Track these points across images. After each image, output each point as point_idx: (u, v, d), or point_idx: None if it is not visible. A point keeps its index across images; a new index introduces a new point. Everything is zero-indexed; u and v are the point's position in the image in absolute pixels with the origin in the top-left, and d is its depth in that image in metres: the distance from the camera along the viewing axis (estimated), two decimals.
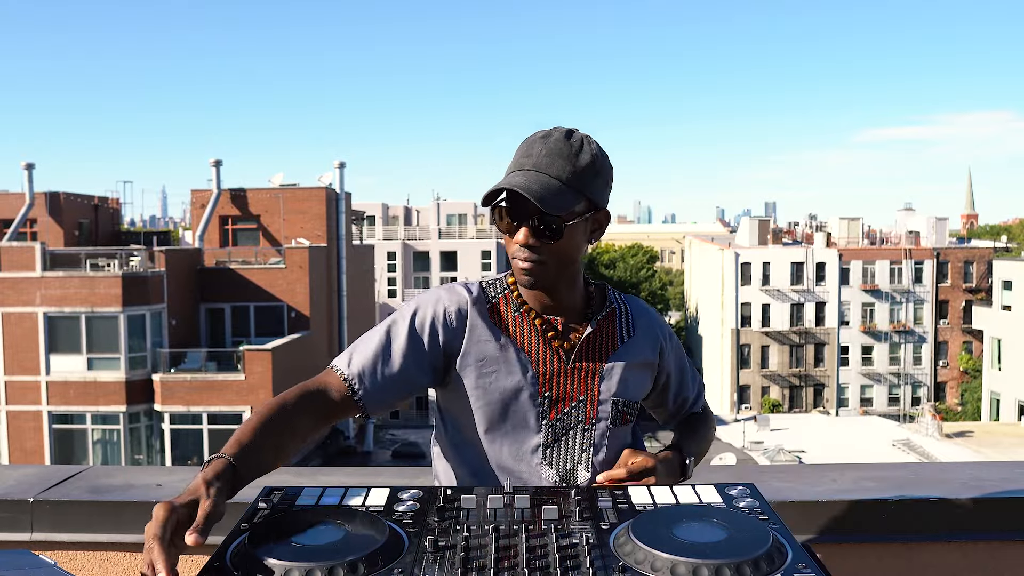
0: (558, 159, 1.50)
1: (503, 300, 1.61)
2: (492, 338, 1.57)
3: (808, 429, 34.93)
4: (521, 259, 1.52)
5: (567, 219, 1.50)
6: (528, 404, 1.56)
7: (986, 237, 66.93)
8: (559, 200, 1.48)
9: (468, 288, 1.62)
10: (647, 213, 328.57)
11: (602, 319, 1.63)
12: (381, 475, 2.35)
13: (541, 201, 1.45)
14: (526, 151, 1.53)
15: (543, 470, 1.57)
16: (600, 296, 1.68)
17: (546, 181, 1.48)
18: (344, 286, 29.59)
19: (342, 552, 1.11)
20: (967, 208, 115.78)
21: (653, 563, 1.09)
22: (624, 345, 1.63)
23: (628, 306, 1.69)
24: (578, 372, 1.59)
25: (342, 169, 30.32)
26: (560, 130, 1.54)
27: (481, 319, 1.58)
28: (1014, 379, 33.63)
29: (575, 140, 1.53)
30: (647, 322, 1.68)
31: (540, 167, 1.50)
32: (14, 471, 2.35)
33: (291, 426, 1.41)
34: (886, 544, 2.06)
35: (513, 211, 1.51)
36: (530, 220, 1.50)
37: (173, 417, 22.89)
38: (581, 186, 1.51)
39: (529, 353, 1.57)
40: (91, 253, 24.55)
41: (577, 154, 1.51)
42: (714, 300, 49.87)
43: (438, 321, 1.56)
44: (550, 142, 1.52)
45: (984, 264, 47.15)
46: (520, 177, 1.49)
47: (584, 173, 1.51)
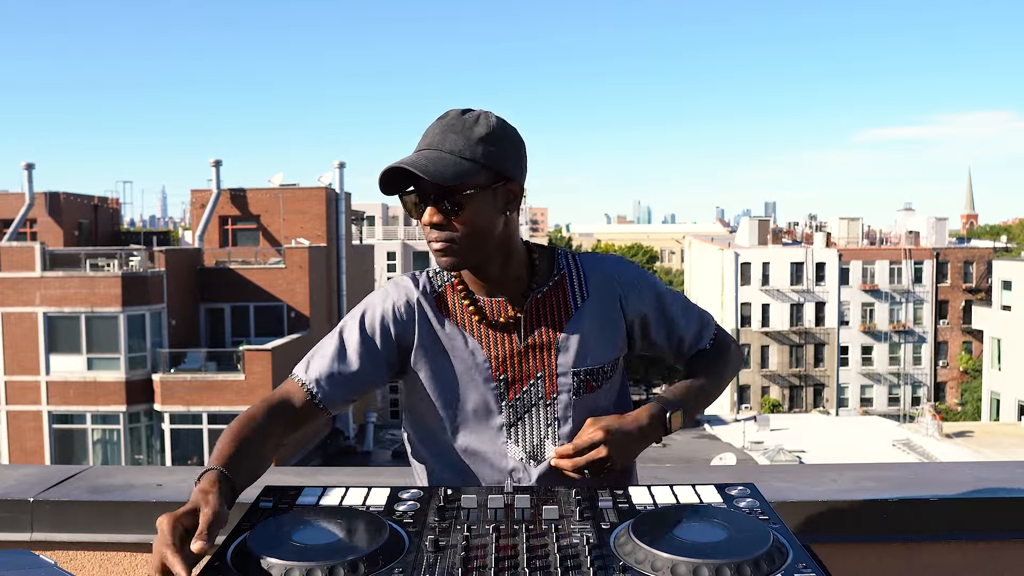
0: (450, 134, 1.49)
1: (449, 288, 1.61)
2: (441, 328, 1.58)
3: (808, 429, 34.94)
4: (432, 239, 1.52)
5: (463, 190, 1.48)
6: (485, 388, 1.57)
7: (986, 237, 66.96)
8: (449, 172, 1.46)
9: (415, 280, 1.63)
10: (647, 213, 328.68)
11: (549, 289, 1.61)
12: (381, 475, 2.35)
13: (427, 172, 1.44)
14: (423, 135, 1.53)
15: (508, 448, 1.57)
16: (547, 264, 1.64)
17: (435, 156, 1.47)
18: (344, 286, 29.60)
19: (342, 552, 1.11)
20: (967, 208, 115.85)
21: (653, 563, 1.09)
22: (579, 310, 1.60)
23: (580, 267, 1.64)
24: (532, 349, 1.57)
25: (342, 169, 30.33)
26: (456, 109, 1.54)
27: (430, 309, 1.59)
28: (1014, 379, 33.63)
29: (470, 116, 1.52)
30: (600, 278, 1.63)
31: (433, 144, 1.49)
32: (14, 471, 2.35)
33: (264, 436, 1.46)
34: (886, 544, 2.06)
35: (417, 196, 1.51)
36: (431, 199, 1.49)
37: (173, 417, 22.89)
38: (476, 156, 1.48)
39: (480, 339, 1.57)
40: (91, 253, 24.55)
41: (471, 127, 1.50)
42: (714, 300, 49.87)
43: (388, 317, 1.58)
44: (444, 120, 1.51)
45: (984, 264, 47.16)
46: (411, 157, 1.49)
47: (479, 144, 1.49)
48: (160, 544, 1.13)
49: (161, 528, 1.15)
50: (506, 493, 1.34)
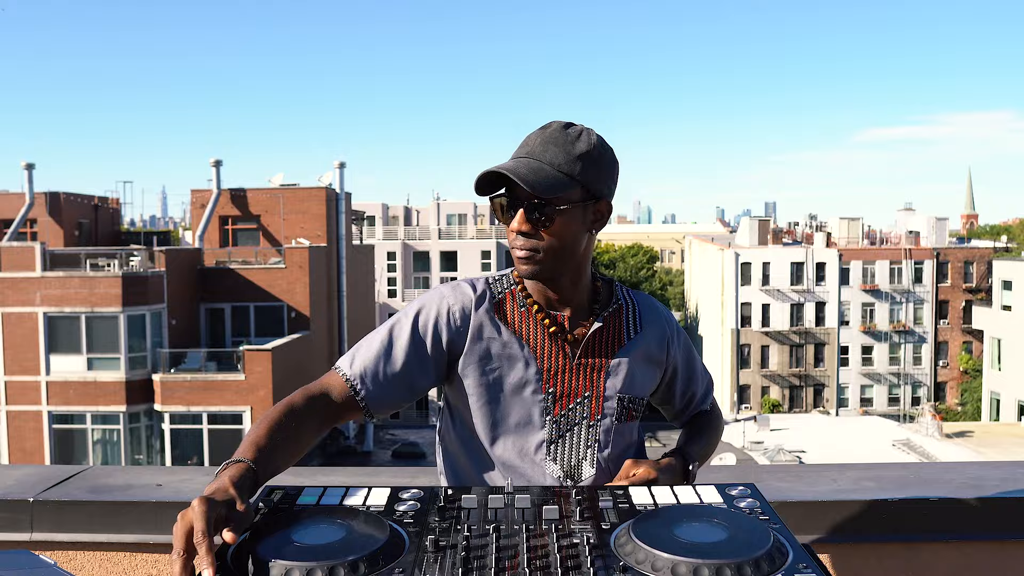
0: (552, 146, 1.50)
1: (509, 296, 1.61)
2: (496, 335, 1.57)
3: (808, 429, 34.90)
4: (517, 247, 1.53)
5: (558, 203, 1.49)
6: (532, 400, 1.56)
7: (986, 237, 66.90)
8: (547, 183, 1.47)
9: (473, 285, 1.61)
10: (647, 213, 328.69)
11: (609, 315, 1.63)
12: (381, 475, 2.35)
13: (525, 182, 1.45)
14: (524, 142, 1.54)
15: (547, 466, 1.57)
16: (608, 291, 1.67)
17: (536, 166, 1.49)
18: (344, 286, 29.59)
19: (343, 552, 1.11)
20: (967, 208, 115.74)
21: (654, 563, 1.09)
22: (631, 341, 1.63)
23: (636, 302, 1.68)
24: (584, 368, 1.58)
25: (342, 169, 30.33)
26: (559, 122, 1.55)
27: (486, 316, 1.58)
28: (1014, 379, 33.62)
29: (573, 131, 1.53)
30: (654, 317, 1.68)
31: (534, 154, 1.51)
32: (14, 471, 2.35)
33: (300, 428, 1.43)
34: (886, 544, 2.06)
35: (509, 200, 1.52)
36: (523, 206, 1.50)
37: (173, 417, 22.89)
38: (574, 173, 1.50)
39: (534, 349, 1.57)
40: (91, 253, 24.55)
41: (573, 143, 1.51)
42: (714, 300, 49.86)
43: (441, 320, 1.56)
44: (547, 132, 1.52)
45: (984, 264, 47.14)
46: (510, 163, 1.50)
47: (578, 160, 1.50)
48: (198, 528, 1.10)
49: (198, 511, 1.12)
50: (506, 493, 1.33)
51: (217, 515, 1.15)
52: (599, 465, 1.58)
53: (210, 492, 1.19)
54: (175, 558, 1.11)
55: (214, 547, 1.11)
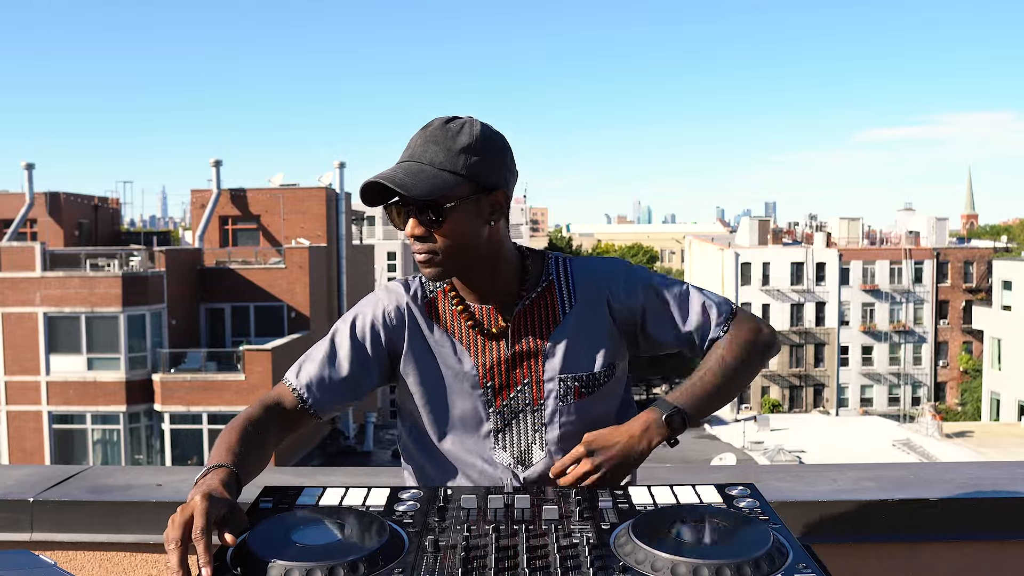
0: (432, 145, 1.48)
1: (441, 295, 1.62)
2: (430, 333, 1.59)
3: (808, 429, 34.92)
4: (415, 251, 1.53)
5: (444, 203, 1.47)
6: (473, 395, 1.57)
7: (986, 237, 66.96)
8: (426, 185, 1.45)
9: (407, 285, 1.64)
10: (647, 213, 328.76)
11: (537, 295, 1.60)
12: (381, 475, 2.35)
13: (403, 187, 1.44)
14: (407, 144, 1.52)
15: (496, 454, 1.58)
16: (537, 270, 1.62)
17: (415, 168, 1.47)
18: (344, 286, 29.60)
19: (342, 552, 1.11)
20: (967, 208, 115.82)
21: (654, 563, 1.09)
22: (567, 316, 1.59)
23: (571, 272, 1.62)
24: (519, 356, 1.57)
25: (342, 169, 30.34)
26: (440, 118, 1.52)
27: (420, 315, 1.60)
28: (1014, 379, 33.63)
29: (453, 125, 1.50)
30: (588, 281, 1.61)
31: (414, 156, 1.49)
32: (14, 471, 2.35)
33: (263, 437, 1.49)
34: (886, 544, 2.06)
35: (400, 207, 1.50)
36: (411, 211, 1.49)
37: (173, 417, 22.89)
38: (457, 168, 1.48)
39: (468, 346, 1.57)
40: (91, 253, 24.57)
41: (454, 137, 1.48)
42: None
43: (378, 323, 1.59)
44: (427, 131, 1.50)
45: (984, 264, 47.16)
46: (389, 170, 1.48)
47: (460, 154, 1.48)
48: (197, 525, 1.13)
49: (199, 507, 1.15)
50: (506, 493, 1.34)
51: (217, 514, 1.17)
52: (547, 447, 1.57)
53: (206, 491, 1.20)
54: (172, 548, 1.12)
55: (212, 546, 1.12)
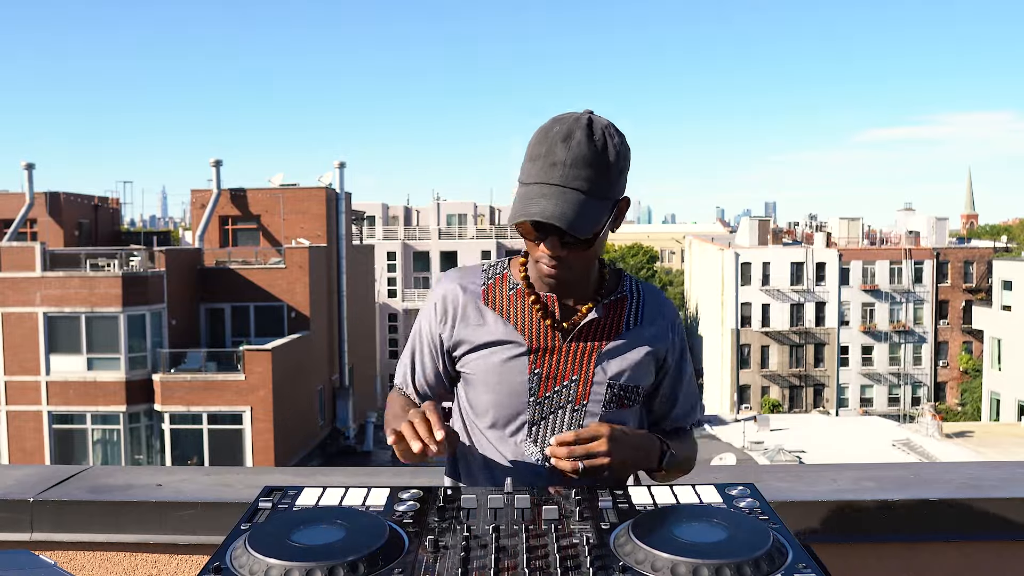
0: (585, 168, 1.42)
1: (499, 280, 1.63)
2: (481, 318, 1.59)
3: (808, 429, 34.90)
4: (547, 265, 1.50)
5: (597, 230, 1.46)
6: (519, 379, 1.56)
7: (986, 237, 66.91)
8: (591, 221, 1.43)
9: (467, 272, 1.66)
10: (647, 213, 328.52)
11: (609, 303, 1.61)
12: (381, 475, 2.35)
13: (573, 229, 1.41)
14: (547, 157, 1.44)
15: (526, 447, 1.57)
16: (614, 281, 1.65)
17: (578, 200, 1.42)
18: (344, 286, 29.59)
19: (342, 552, 1.11)
20: (967, 208, 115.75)
21: (653, 563, 1.09)
22: (629, 331, 1.60)
23: (642, 294, 1.65)
24: (574, 352, 1.56)
25: (342, 169, 30.34)
26: (580, 125, 1.44)
27: (472, 303, 1.61)
28: (1014, 379, 33.62)
29: (598, 139, 1.44)
30: (658, 312, 1.64)
31: (567, 181, 1.42)
32: (14, 471, 2.35)
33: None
34: (886, 544, 2.06)
35: (535, 222, 1.46)
36: (557, 232, 1.45)
37: (173, 417, 22.89)
38: (611, 194, 1.46)
39: (522, 330, 1.57)
40: (91, 253, 24.55)
41: (603, 155, 1.43)
42: (714, 300, 49.86)
43: (438, 314, 1.63)
44: (573, 146, 1.42)
45: (984, 264, 47.15)
46: (550, 202, 1.41)
47: (612, 177, 1.45)
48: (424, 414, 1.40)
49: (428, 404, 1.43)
50: (506, 493, 1.34)
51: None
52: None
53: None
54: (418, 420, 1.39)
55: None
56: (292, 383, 23.89)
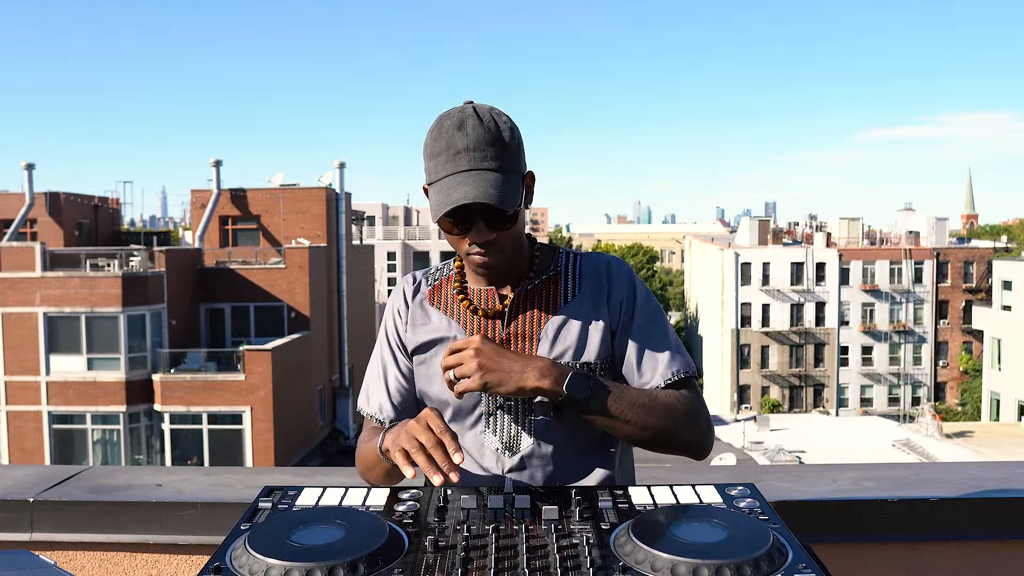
0: (487, 148, 1.46)
1: (444, 281, 1.66)
2: (427, 319, 1.63)
3: (808, 429, 34.90)
4: (478, 254, 1.51)
5: (518, 204, 1.49)
6: None
7: (986, 237, 66.94)
8: (513, 194, 1.47)
9: (414, 277, 1.70)
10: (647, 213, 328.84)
11: (542, 282, 1.60)
12: None
13: (502, 203, 1.43)
14: (449, 149, 1.46)
15: (486, 438, 1.58)
16: (547, 259, 1.64)
17: (493, 179, 1.45)
18: (344, 286, 29.60)
19: (342, 552, 1.11)
20: (967, 208, 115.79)
21: (653, 563, 1.09)
22: (567, 304, 1.58)
23: (578, 264, 1.62)
24: (513, 339, 1.56)
25: (342, 169, 30.35)
26: (467, 113, 1.48)
27: (419, 305, 1.65)
28: (1014, 379, 33.64)
29: (488, 120, 1.48)
30: (593, 275, 1.60)
31: (475, 163, 1.45)
32: (14, 471, 2.35)
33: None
34: (886, 544, 2.06)
35: (462, 216, 1.48)
36: (483, 218, 1.47)
37: (173, 417, 22.89)
38: (518, 167, 1.50)
39: (465, 326, 1.59)
40: (91, 253, 24.57)
41: (499, 133, 1.47)
42: (714, 300, 49.87)
43: (397, 321, 1.66)
44: (469, 131, 1.46)
45: (984, 264, 47.17)
46: (467, 186, 1.44)
47: (513, 151, 1.49)
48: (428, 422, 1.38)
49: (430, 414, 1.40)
50: (506, 493, 1.34)
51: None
52: (536, 434, 1.56)
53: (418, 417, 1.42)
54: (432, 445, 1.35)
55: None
56: (292, 383, 23.90)
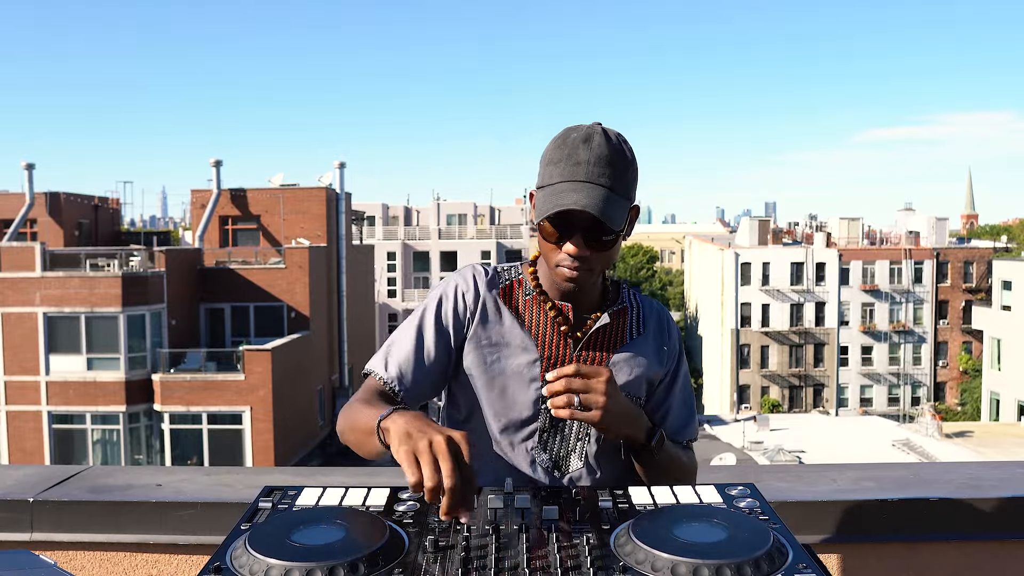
0: (607, 167, 1.47)
1: (516, 283, 1.63)
2: (499, 319, 1.58)
3: (808, 429, 34.90)
4: (568, 267, 1.50)
5: (621, 229, 1.49)
6: (529, 386, 1.56)
7: (986, 237, 66.88)
8: (619, 214, 1.47)
9: (484, 270, 1.64)
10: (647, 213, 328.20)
11: (614, 313, 1.63)
12: (381, 475, 2.35)
13: (609, 220, 1.44)
14: (570, 158, 1.48)
15: (537, 455, 1.57)
16: (615, 291, 1.68)
17: (605, 194, 1.45)
18: (344, 286, 29.60)
19: (342, 552, 1.11)
20: (967, 208, 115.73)
21: (654, 563, 1.09)
22: (633, 341, 1.63)
23: (640, 304, 1.68)
24: (584, 360, 1.58)
25: (342, 169, 30.35)
26: (596, 131, 1.49)
27: (491, 300, 1.59)
28: (1014, 379, 33.63)
29: (615, 141, 1.49)
30: (659, 323, 1.67)
31: (593, 177, 1.46)
32: (14, 471, 2.35)
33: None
34: (886, 544, 2.06)
35: (561, 221, 1.48)
36: (584, 231, 1.47)
37: (173, 417, 22.89)
38: (630, 194, 1.51)
39: (536, 336, 1.57)
40: (91, 253, 24.56)
41: (622, 155, 1.49)
42: (714, 300, 49.86)
43: (458, 306, 1.58)
44: (594, 146, 1.47)
45: (984, 264, 47.16)
46: (580, 194, 1.44)
47: (630, 178, 1.50)
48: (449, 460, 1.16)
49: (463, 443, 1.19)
50: (506, 493, 1.34)
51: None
52: (587, 459, 1.58)
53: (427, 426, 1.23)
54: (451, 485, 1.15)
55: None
56: (292, 383, 23.90)
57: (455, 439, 1.19)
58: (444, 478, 1.15)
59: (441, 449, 1.17)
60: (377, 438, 1.31)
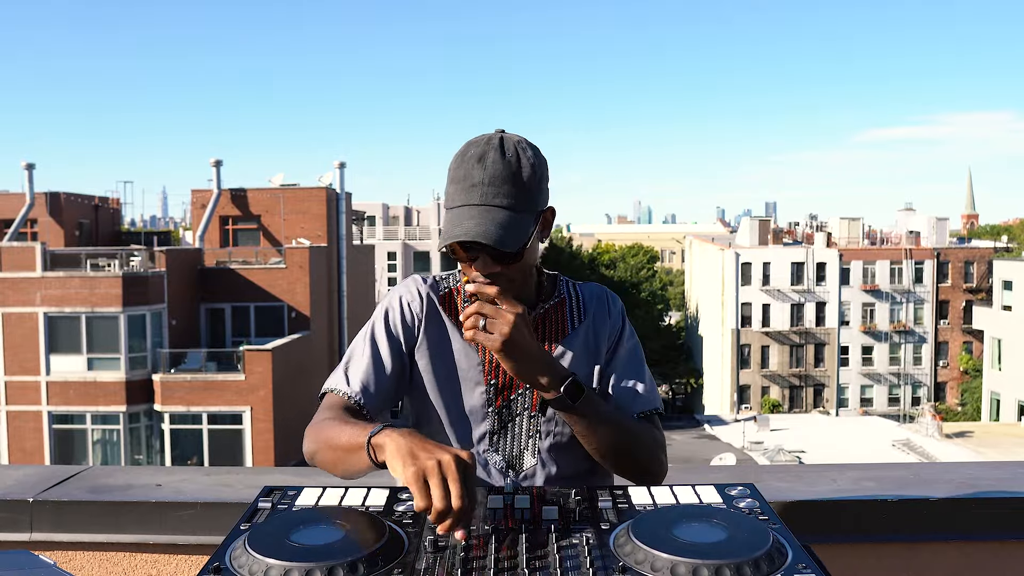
0: (504, 185, 1.47)
1: (455, 291, 1.65)
2: (441, 326, 1.61)
3: (808, 429, 34.94)
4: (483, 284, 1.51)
5: (525, 241, 1.50)
6: (475, 391, 1.59)
7: (986, 237, 66.91)
8: (518, 234, 1.47)
9: (424, 279, 1.66)
10: (647, 213, 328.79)
11: (549, 308, 1.64)
12: (380, 475, 2.34)
13: (502, 244, 1.44)
14: (466, 180, 1.48)
15: (490, 456, 1.59)
16: (551, 286, 1.68)
17: (500, 217, 1.46)
18: (344, 286, 29.60)
19: (342, 552, 1.11)
20: (967, 208, 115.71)
21: (653, 563, 1.09)
22: (574, 331, 1.63)
23: (580, 294, 1.68)
24: None
25: (342, 169, 30.34)
26: (492, 146, 1.49)
27: (433, 308, 1.62)
28: (1014, 379, 33.63)
29: (511, 156, 1.49)
30: (600, 307, 1.66)
31: (487, 199, 1.46)
32: (14, 471, 2.35)
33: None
34: (886, 544, 2.06)
35: (464, 245, 1.50)
36: (486, 250, 1.48)
37: (173, 417, 22.90)
38: (532, 206, 1.50)
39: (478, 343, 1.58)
40: (91, 253, 24.57)
41: (518, 171, 1.48)
42: (714, 300, 49.86)
43: (405, 315, 1.61)
44: (488, 165, 1.47)
45: (984, 264, 47.16)
46: (472, 222, 1.45)
47: (531, 190, 1.49)
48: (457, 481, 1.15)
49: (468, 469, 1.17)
50: (506, 493, 1.34)
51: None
52: (539, 455, 1.58)
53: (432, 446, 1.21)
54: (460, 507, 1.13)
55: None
56: (292, 383, 23.90)
57: (463, 458, 1.19)
58: (453, 500, 1.14)
59: (451, 470, 1.16)
60: (367, 455, 1.30)
